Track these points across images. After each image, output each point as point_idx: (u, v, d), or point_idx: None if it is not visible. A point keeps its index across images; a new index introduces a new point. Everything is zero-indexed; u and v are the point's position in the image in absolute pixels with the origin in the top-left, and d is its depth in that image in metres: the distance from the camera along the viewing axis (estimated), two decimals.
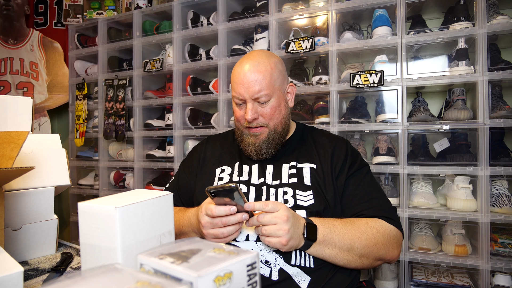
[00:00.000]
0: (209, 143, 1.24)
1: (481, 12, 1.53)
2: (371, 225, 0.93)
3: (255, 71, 1.01)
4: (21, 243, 0.92)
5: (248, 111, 1.02)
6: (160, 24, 2.32)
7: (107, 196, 0.64)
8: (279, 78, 1.06)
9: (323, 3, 1.84)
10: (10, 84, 2.81)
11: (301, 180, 1.02)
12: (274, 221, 0.81)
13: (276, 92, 1.05)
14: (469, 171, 1.53)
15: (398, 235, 0.97)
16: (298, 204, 0.97)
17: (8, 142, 0.72)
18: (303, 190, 1.00)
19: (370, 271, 1.75)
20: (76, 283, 0.33)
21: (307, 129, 1.19)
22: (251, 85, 1.01)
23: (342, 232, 0.89)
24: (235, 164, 1.12)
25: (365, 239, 0.90)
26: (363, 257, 0.92)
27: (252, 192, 1.03)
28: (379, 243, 0.92)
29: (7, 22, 2.83)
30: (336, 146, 1.09)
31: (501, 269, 1.46)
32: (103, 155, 2.49)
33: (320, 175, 1.03)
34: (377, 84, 1.65)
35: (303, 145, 1.12)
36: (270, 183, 1.03)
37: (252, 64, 1.02)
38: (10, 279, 0.54)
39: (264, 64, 1.03)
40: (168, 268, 0.40)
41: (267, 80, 1.02)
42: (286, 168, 1.06)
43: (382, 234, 0.93)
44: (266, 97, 1.02)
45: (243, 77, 1.02)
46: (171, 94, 2.22)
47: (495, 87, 1.61)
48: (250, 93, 1.02)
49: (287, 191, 1.00)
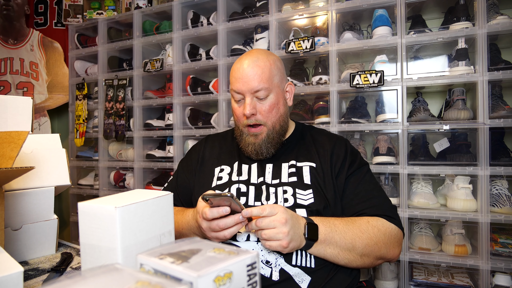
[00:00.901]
0: (208, 142, 1.24)
1: (481, 12, 1.53)
2: (372, 224, 0.93)
3: (254, 66, 1.02)
4: (21, 243, 0.92)
5: (247, 105, 1.03)
6: (160, 24, 2.32)
7: (107, 196, 0.64)
8: (278, 75, 1.06)
9: (323, 3, 1.84)
10: (10, 84, 2.81)
11: (300, 179, 1.02)
12: (272, 225, 0.80)
13: (274, 88, 1.05)
14: (469, 171, 1.53)
15: (399, 234, 0.97)
16: (298, 203, 0.97)
17: (8, 142, 0.72)
18: (303, 189, 0.99)
19: (370, 271, 1.75)
20: (76, 283, 0.33)
21: (306, 128, 1.19)
22: (250, 79, 1.02)
23: (343, 231, 0.89)
24: (234, 164, 1.11)
25: (366, 238, 0.90)
26: (364, 256, 0.91)
27: (251, 191, 1.02)
28: (380, 242, 0.92)
29: (7, 22, 2.83)
30: (336, 145, 1.08)
31: (501, 269, 1.46)
32: (103, 155, 2.49)
33: (319, 174, 1.02)
34: (377, 84, 1.65)
35: (302, 144, 1.12)
36: (269, 182, 1.03)
37: (251, 60, 1.04)
38: (10, 279, 0.54)
39: (263, 60, 1.04)
40: (168, 268, 0.40)
41: (266, 75, 1.02)
42: (286, 167, 1.06)
43: (383, 233, 0.93)
44: (265, 92, 1.03)
45: (242, 72, 1.03)
46: (171, 94, 2.22)
47: (495, 87, 1.61)
48: (249, 87, 1.02)
49: (287, 190, 0.99)
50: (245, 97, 1.04)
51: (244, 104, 1.04)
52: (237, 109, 1.08)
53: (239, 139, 1.11)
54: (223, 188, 1.05)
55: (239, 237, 0.94)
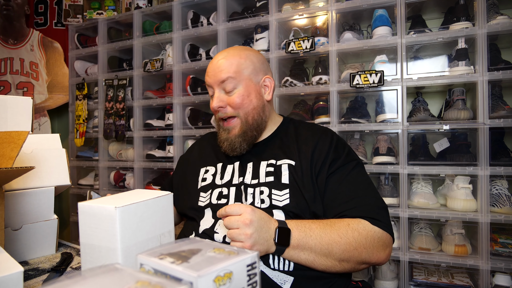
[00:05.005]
0: (198, 142, 1.27)
1: (481, 12, 1.53)
2: (352, 227, 0.87)
3: (223, 59, 1.04)
4: (21, 243, 0.92)
5: (215, 98, 1.04)
6: (160, 24, 2.32)
7: (107, 196, 0.64)
8: (250, 67, 1.05)
9: (323, 3, 1.84)
10: (10, 84, 2.81)
11: (278, 178, 0.97)
12: (236, 225, 0.78)
13: (244, 80, 1.04)
14: (469, 171, 1.53)
15: (384, 237, 0.89)
16: (274, 204, 0.93)
17: (8, 142, 0.72)
18: (279, 189, 0.95)
19: (370, 271, 1.75)
20: (76, 283, 0.33)
21: (294, 124, 1.13)
22: (217, 72, 1.03)
23: (319, 236, 0.84)
24: (217, 164, 1.10)
25: (344, 244, 0.84)
26: (343, 261, 0.86)
27: (232, 193, 1.00)
28: (361, 246, 0.86)
29: (7, 22, 2.83)
30: (320, 141, 1.01)
31: (501, 269, 1.46)
32: (103, 155, 2.49)
33: (298, 172, 0.97)
34: (377, 84, 1.65)
35: (284, 141, 1.07)
36: (248, 183, 1.00)
37: (222, 55, 1.05)
38: (10, 279, 0.54)
39: (233, 54, 1.05)
40: (168, 268, 0.40)
41: (233, 67, 1.03)
42: (264, 165, 1.02)
43: (365, 236, 0.86)
44: (231, 83, 1.02)
45: (211, 66, 1.05)
46: (171, 94, 2.22)
47: (495, 87, 1.61)
48: (215, 79, 1.03)
49: (263, 191, 0.96)
50: (214, 90, 1.05)
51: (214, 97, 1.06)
52: (211, 103, 1.07)
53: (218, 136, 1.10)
54: (207, 190, 1.05)
55: (216, 237, 0.93)
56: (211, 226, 0.96)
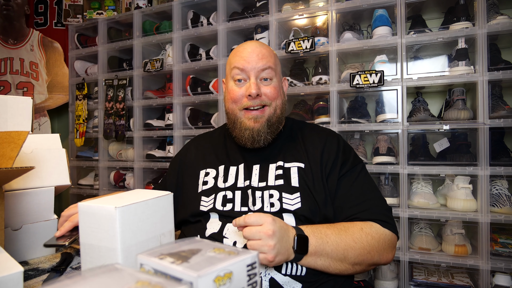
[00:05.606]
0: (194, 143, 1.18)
1: (481, 12, 1.53)
2: (366, 231, 0.88)
3: (262, 47, 1.02)
4: (21, 243, 0.92)
5: (252, 84, 0.98)
6: (160, 24, 2.32)
7: (107, 196, 0.64)
8: (279, 64, 1.07)
9: (323, 3, 1.84)
10: (10, 84, 2.81)
11: (288, 181, 0.95)
12: (258, 236, 0.75)
13: (278, 74, 1.05)
14: (469, 171, 1.53)
15: (393, 239, 0.93)
16: (285, 208, 0.91)
17: (8, 142, 0.72)
18: (290, 192, 0.93)
19: (370, 271, 1.75)
20: (76, 283, 0.33)
21: (297, 125, 1.12)
22: (259, 58, 1.00)
23: (335, 243, 0.84)
24: (220, 167, 1.05)
25: (359, 248, 0.86)
26: (357, 265, 0.88)
27: (237, 196, 0.96)
28: (374, 250, 0.88)
29: (7, 22, 2.83)
30: (327, 142, 1.01)
31: (501, 269, 1.46)
32: (103, 155, 2.49)
33: (308, 175, 0.96)
34: (377, 84, 1.65)
35: (291, 143, 1.05)
36: (256, 186, 0.97)
37: (257, 44, 1.04)
38: (10, 279, 0.54)
39: (268, 47, 1.05)
40: (168, 268, 0.40)
41: (273, 59, 1.03)
42: (273, 168, 0.99)
43: (377, 240, 0.89)
44: (270, 73, 1.01)
45: (250, 52, 1.00)
46: (171, 94, 2.22)
47: (495, 87, 1.61)
48: (256, 65, 0.99)
49: (273, 194, 0.94)
50: (250, 76, 1.00)
51: (249, 83, 0.99)
52: (236, 90, 1.01)
53: (232, 128, 1.04)
54: (209, 194, 0.99)
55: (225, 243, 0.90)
56: (219, 230, 0.93)
